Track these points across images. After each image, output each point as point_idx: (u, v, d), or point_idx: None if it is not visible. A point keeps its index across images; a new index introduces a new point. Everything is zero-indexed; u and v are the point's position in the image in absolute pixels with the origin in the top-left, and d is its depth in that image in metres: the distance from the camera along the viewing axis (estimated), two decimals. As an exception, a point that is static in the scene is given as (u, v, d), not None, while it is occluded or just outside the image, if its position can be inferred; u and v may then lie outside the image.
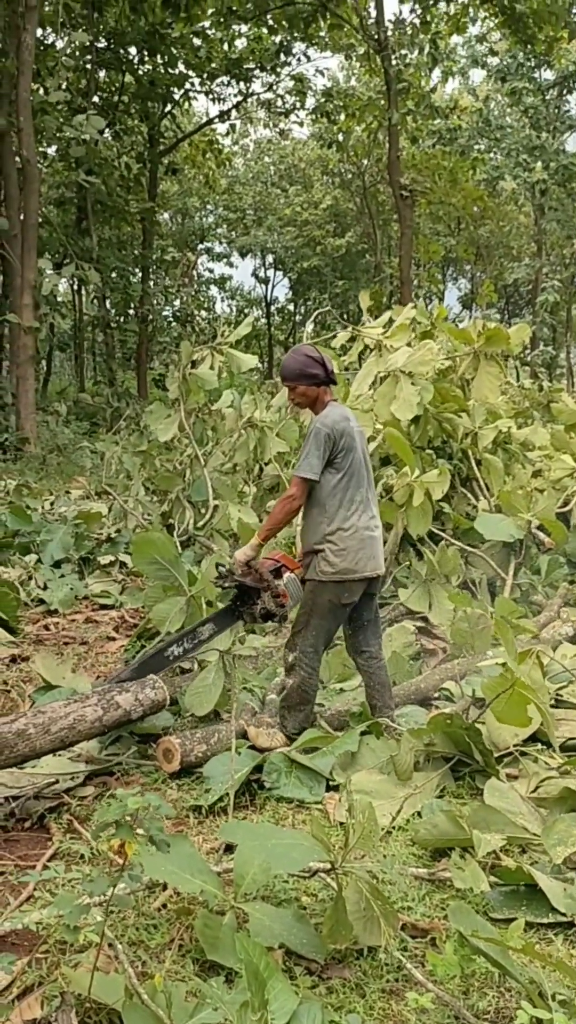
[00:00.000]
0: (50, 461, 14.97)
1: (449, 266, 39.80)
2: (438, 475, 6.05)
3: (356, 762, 3.93)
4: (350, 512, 4.11)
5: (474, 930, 2.39)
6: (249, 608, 4.42)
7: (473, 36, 27.75)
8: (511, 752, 4.00)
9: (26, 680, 5.11)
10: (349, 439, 4.13)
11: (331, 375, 4.25)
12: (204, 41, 22.61)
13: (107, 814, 2.12)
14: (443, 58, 22.42)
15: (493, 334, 6.87)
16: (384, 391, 6.35)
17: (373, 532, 4.18)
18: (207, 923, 2.63)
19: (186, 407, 7.53)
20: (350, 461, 4.13)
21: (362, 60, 24.14)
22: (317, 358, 4.23)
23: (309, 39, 23.15)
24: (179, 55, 22.46)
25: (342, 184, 34.27)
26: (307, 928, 2.71)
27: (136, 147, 25.16)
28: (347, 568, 4.07)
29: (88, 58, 21.44)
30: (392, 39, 21.21)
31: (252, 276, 42.50)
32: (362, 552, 4.09)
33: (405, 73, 21.70)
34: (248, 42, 23.72)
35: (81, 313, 27.50)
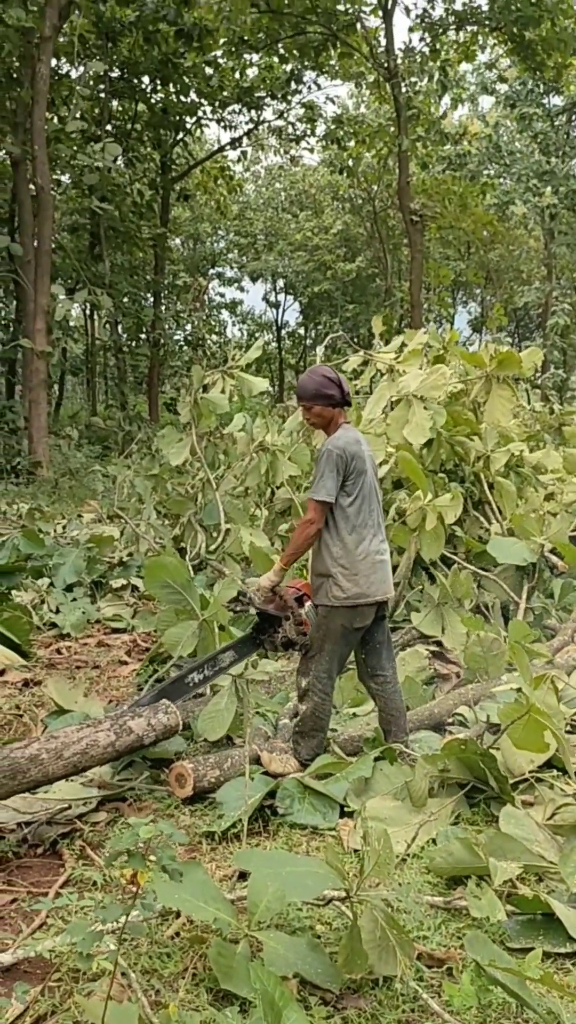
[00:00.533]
0: (62, 485, 15.02)
1: (459, 290, 39.96)
2: (451, 499, 6.04)
3: (370, 788, 3.90)
4: (362, 536, 4.09)
5: (491, 960, 2.36)
6: (270, 636, 4.41)
7: (482, 63, 28.02)
8: (526, 778, 3.96)
9: (39, 704, 5.10)
10: (360, 462, 4.11)
11: (347, 397, 4.24)
12: (216, 70, 22.89)
13: (119, 842, 2.11)
14: (452, 85, 22.64)
15: (505, 358, 6.87)
16: (397, 415, 6.35)
17: (383, 556, 4.17)
18: (221, 952, 2.60)
19: (198, 431, 7.56)
20: (361, 485, 4.11)
21: (372, 88, 24.39)
22: (334, 379, 4.21)
23: (319, 67, 23.42)
24: (191, 84, 22.74)
25: (352, 209, 34.52)
26: (322, 957, 2.68)
27: (148, 174, 25.43)
28: (359, 593, 4.04)
29: (102, 87, 21.75)
30: (402, 67, 21.45)
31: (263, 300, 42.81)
32: (373, 576, 4.07)
33: (415, 100, 21.93)
34: (259, 71, 24.00)
35: (93, 338, 27.70)
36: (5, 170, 20.78)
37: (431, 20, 21.20)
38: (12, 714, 4.94)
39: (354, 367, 7.58)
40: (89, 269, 20.25)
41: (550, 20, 19.44)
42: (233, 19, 20.64)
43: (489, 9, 20.22)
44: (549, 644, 5.83)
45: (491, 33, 21.41)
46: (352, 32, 21.46)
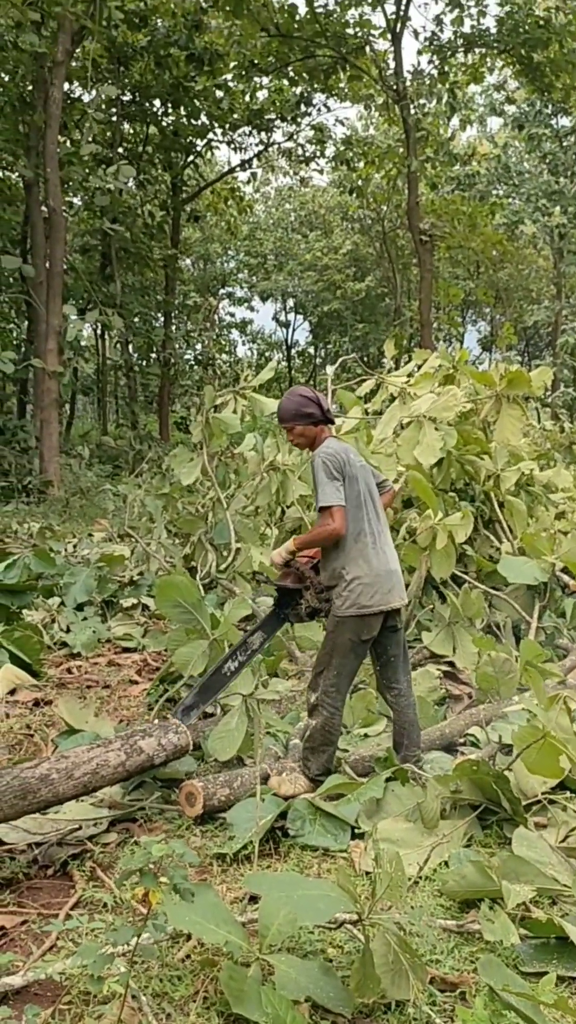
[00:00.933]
0: (73, 504, 15.07)
1: (469, 309, 40.09)
2: (461, 518, 6.03)
3: (382, 809, 3.87)
4: (362, 545, 4.08)
5: (505, 984, 2.34)
6: (295, 609, 4.43)
7: (491, 85, 28.23)
8: (539, 800, 3.93)
9: (49, 724, 5.09)
10: (351, 468, 4.12)
11: (327, 414, 4.27)
12: (226, 93, 23.12)
13: (131, 862, 2.10)
14: (461, 107, 22.81)
15: (515, 377, 6.88)
16: (408, 436, 6.36)
17: (389, 565, 4.14)
18: (232, 975, 2.58)
19: (209, 450, 7.58)
20: (356, 492, 4.11)
21: (381, 109, 24.59)
22: (312, 397, 4.27)
23: (329, 90, 23.64)
24: (202, 107, 22.98)
25: (361, 229, 34.74)
26: (334, 981, 2.65)
27: (159, 195, 25.67)
28: (364, 603, 4.03)
29: (114, 111, 22.00)
30: (411, 89, 21.62)
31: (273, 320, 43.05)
32: (378, 586, 4.05)
33: (424, 122, 22.09)
34: (269, 94, 24.25)
35: (104, 357, 27.87)
36: (18, 193, 21.02)
37: (439, 43, 21.38)
38: (23, 734, 4.93)
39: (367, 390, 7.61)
40: (100, 290, 20.40)
41: (558, 42, 19.60)
42: (243, 43, 20.89)
43: (497, 31, 20.39)
44: (561, 664, 5.80)
45: (499, 55, 21.57)
46: (361, 55, 21.66)
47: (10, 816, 3.34)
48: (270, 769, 4.19)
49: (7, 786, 3.29)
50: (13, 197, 21.40)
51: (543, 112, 26.25)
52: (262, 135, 25.68)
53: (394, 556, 4.24)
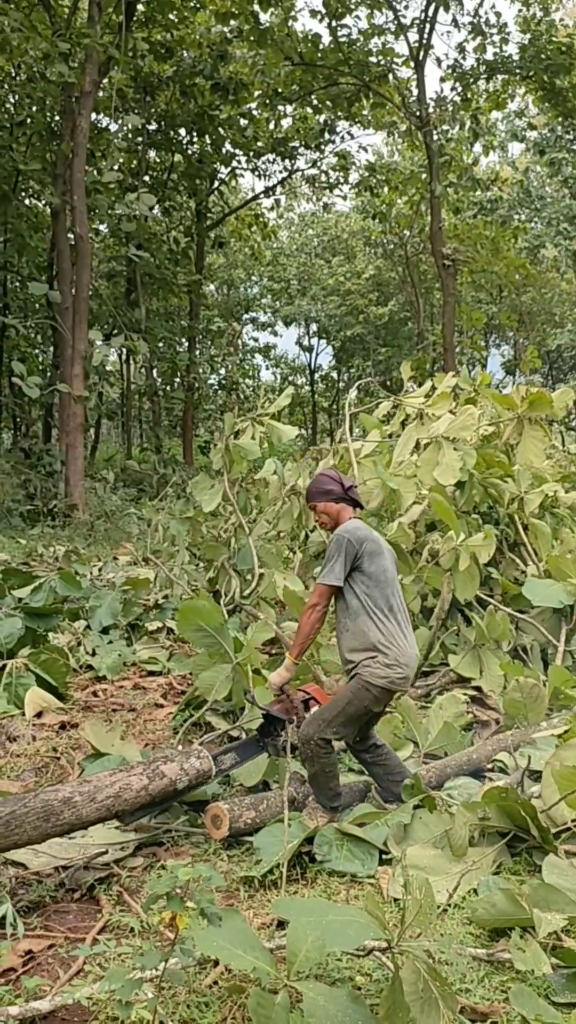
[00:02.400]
0: (98, 527, 15.14)
1: (492, 333, 40.09)
2: (483, 538, 6.01)
3: (409, 836, 3.84)
4: (395, 622, 4.14)
5: (537, 1014, 2.30)
6: (273, 739, 4.41)
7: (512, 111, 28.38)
8: (569, 827, 3.88)
9: (75, 747, 5.10)
10: (373, 544, 4.19)
11: (349, 492, 4.44)
12: (251, 122, 23.40)
13: (158, 886, 2.09)
14: (484, 132, 22.93)
15: (536, 399, 6.87)
16: (427, 457, 6.37)
17: (413, 649, 4.18)
18: (260, 1002, 2.55)
19: (229, 477, 7.61)
20: (380, 567, 4.17)
21: (404, 136, 24.76)
22: (333, 476, 4.49)
23: (352, 117, 23.84)
24: (226, 135, 23.27)
25: (384, 254, 34.90)
26: (362, 1009, 2.62)
27: (184, 222, 25.94)
28: (394, 678, 4.06)
29: (140, 140, 22.31)
30: (434, 116, 21.77)
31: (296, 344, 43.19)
32: (403, 667, 4.08)
33: (447, 147, 22.22)
34: (293, 121, 24.50)
35: (129, 382, 28.10)
36: (44, 220, 21.33)
37: (462, 70, 21.56)
38: (49, 756, 4.94)
39: (385, 413, 7.63)
40: (125, 315, 20.60)
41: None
42: (268, 72, 21.15)
43: (520, 58, 20.54)
44: (589, 689, 5.74)
45: (522, 81, 21.71)
46: (384, 83, 21.86)
47: (34, 839, 3.35)
48: (296, 792, 4.17)
49: (31, 809, 3.30)
50: (40, 224, 21.73)
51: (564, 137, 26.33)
52: (286, 162, 25.92)
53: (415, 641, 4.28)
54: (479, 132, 21.95)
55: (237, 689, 5.09)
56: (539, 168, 30.03)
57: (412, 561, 6.35)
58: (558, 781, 3.68)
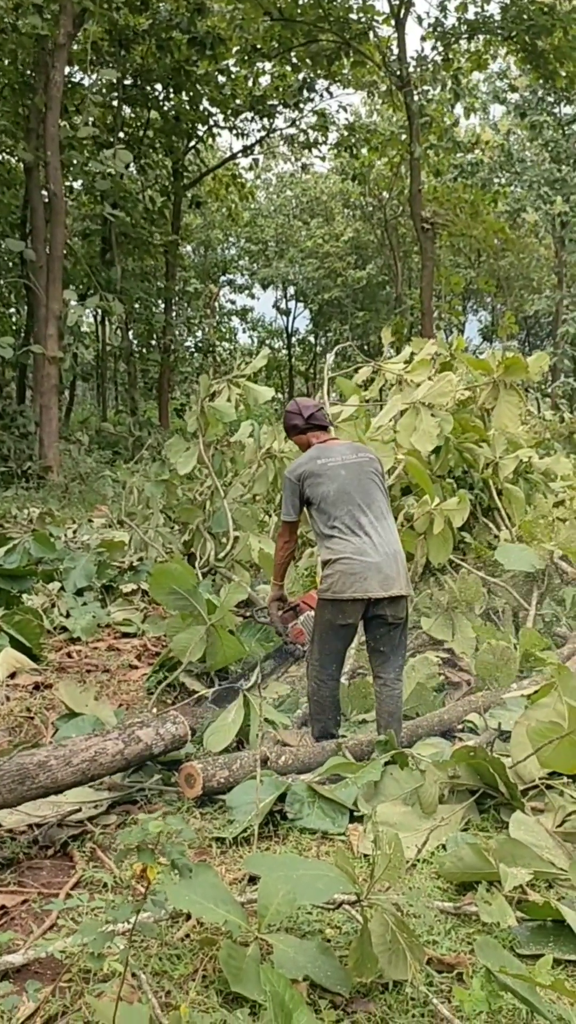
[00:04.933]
0: (72, 489, 15.07)
1: (470, 298, 39.99)
2: (457, 502, 6.05)
3: (380, 793, 3.89)
4: (338, 535, 4.28)
5: (502, 966, 2.36)
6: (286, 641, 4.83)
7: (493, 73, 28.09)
8: (537, 786, 3.96)
9: (49, 707, 5.11)
10: (315, 477, 4.40)
11: (310, 420, 4.66)
12: (228, 78, 22.99)
13: (129, 838, 2.11)
14: (465, 94, 22.68)
15: (512, 363, 6.90)
16: (405, 423, 6.39)
17: (368, 556, 4.24)
18: (231, 954, 2.60)
19: (204, 439, 7.57)
20: (321, 492, 4.36)
21: (384, 96, 24.45)
22: (294, 410, 4.73)
23: (332, 76, 23.49)
24: (204, 92, 22.86)
25: (363, 216, 34.61)
26: (332, 961, 2.68)
27: (160, 181, 25.54)
28: (337, 590, 4.22)
29: (115, 95, 21.87)
30: (414, 75, 21.49)
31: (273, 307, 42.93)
32: (353, 576, 4.20)
33: (427, 108, 21.97)
34: (272, 79, 24.10)
35: (104, 344, 27.80)
36: (18, 176, 20.92)
37: (443, 29, 21.25)
38: (23, 717, 4.95)
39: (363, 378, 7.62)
40: (101, 275, 20.33)
41: (562, 29, 19.47)
42: (246, 27, 20.74)
43: (501, 18, 20.26)
44: (559, 652, 5.82)
45: (503, 42, 21.45)
46: (365, 41, 21.52)
47: (10, 802, 3.37)
48: (269, 752, 4.21)
49: (5, 772, 3.31)
50: (13, 181, 21.31)
51: (545, 100, 26.13)
52: (264, 121, 25.54)
53: (384, 548, 4.31)
54: (460, 93, 21.70)
55: (211, 651, 5.12)
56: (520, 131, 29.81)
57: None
58: (530, 738, 3.74)
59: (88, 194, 22.66)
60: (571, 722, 3.48)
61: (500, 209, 26.78)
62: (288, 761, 4.20)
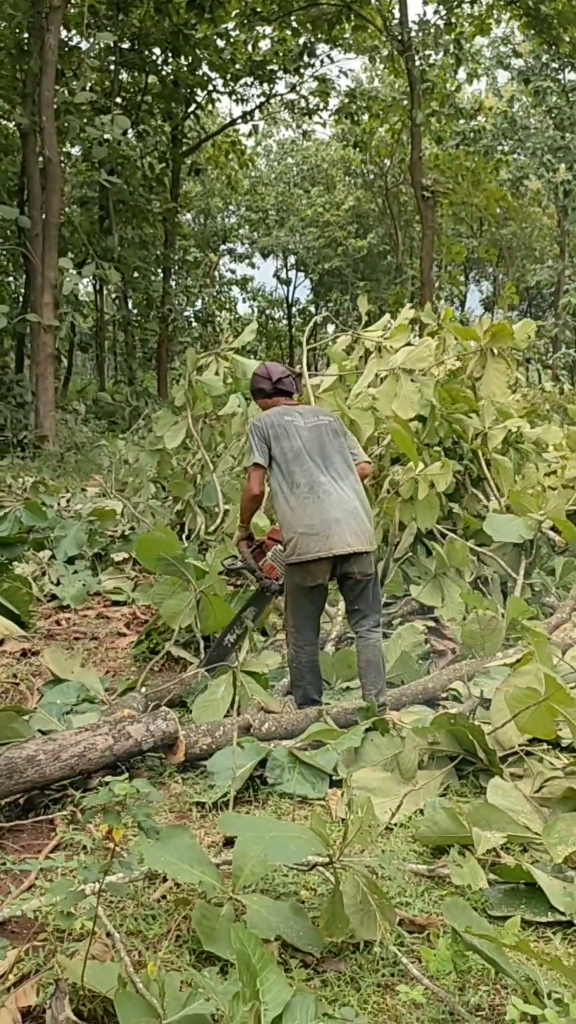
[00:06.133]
0: (68, 459, 15.05)
1: (471, 268, 39.69)
2: (441, 467, 6.05)
3: (360, 758, 3.92)
4: (297, 496, 4.28)
5: (468, 926, 2.39)
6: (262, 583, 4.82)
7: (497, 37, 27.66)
8: (516, 752, 3.98)
9: (36, 674, 5.14)
10: (279, 429, 4.41)
11: (278, 384, 4.68)
12: (228, 42, 22.67)
13: (95, 800, 2.13)
14: (467, 59, 22.35)
15: (498, 330, 6.89)
16: (385, 389, 6.38)
17: (328, 514, 4.25)
18: (204, 914, 2.63)
19: (193, 413, 7.54)
20: (286, 448, 4.37)
21: (386, 61, 24.11)
22: (262, 373, 4.76)
23: (333, 40, 23.17)
24: (203, 56, 22.53)
25: (364, 185, 34.28)
26: (304, 921, 2.71)
27: (159, 147, 25.26)
28: (300, 551, 4.22)
29: (112, 59, 21.57)
30: (416, 40, 21.18)
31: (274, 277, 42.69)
32: (315, 534, 4.21)
33: (429, 74, 21.67)
34: (272, 43, 23.77)
35: (102, 312, 27.64)
36: (15, 143, 20.68)
37: (446, -8, 20.93)
38: (9, 683, 4.98)
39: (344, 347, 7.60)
40: (98, 243, 20.16)
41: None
42: (245, -10, 20.44)
43: (505, -19, 19.97)
44: (547, 622, 5.83)
45: (506, 6, 21.11)
46: (366, 4, 21.21)
47: None
48: (252, 719, 4.24)
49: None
50: (10, 147, 21.08)
51: (549, 66, 25.71)
52: (264, 86, 25.20)
53: (342, 506, 4.32)
54: (462, 58, 21.39)
55: (202, 616, 5.14)
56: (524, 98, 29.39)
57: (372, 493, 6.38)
58: (509, 704, 3.76)
59: (86, 161, 22.43)
60: (547, 688, 3.50)
61: (502, 177, 26.49)
62: (271, 728, 4.22)
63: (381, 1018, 2.43)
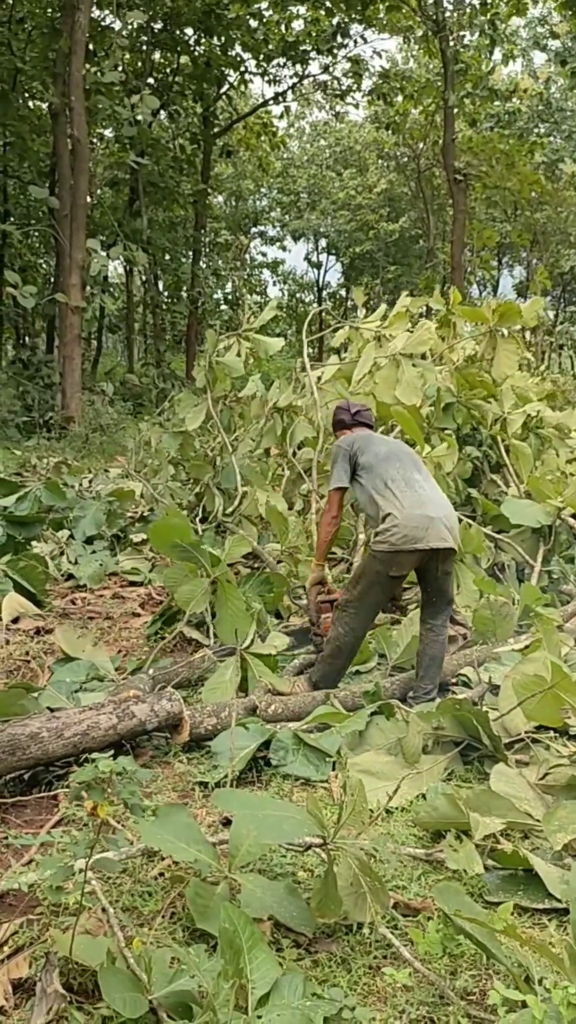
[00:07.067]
0: (93, 440, 15.10)
1: (504, 253, 39.22)
2: (447, 447, 6.06)
3: (365, 742, 3.92)
4: (393, 490, 4.36)
5: (457, 910, 2.38)
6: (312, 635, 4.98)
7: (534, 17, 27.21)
8: (522, 739, 3.96)
9: (48, 652, 5.18)
10: (363, 442, 4.62)
11: (356, 417, 4.93)
12: (261, 23, 22.49)
13: (80, 777, 2.14)
14: (502, 40, 22.00)
15: (506, 309, 6.96)
16: (385, 375, 6.39)
17: (425, 510, 4.30)
18: (199, 892, 2.64)
19: (213, 394, 7.55)
20: (370, 454, 4.52)
21: (420, 42, 23.80)
22: (343, 406, 5.04)
23: (367, 21, 22.89)
24: (235, 36, 22.38)
25: (397, 167, 33.95)
26: (298, 901, 2.71)
27: (190, 128, 25.16)
28: (394, 541, 4.25)
29: (144, 39, 21.48)
30: (450, 20, 20.89)
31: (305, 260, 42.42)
32: (410, 526, 4.24)
33: (463, 55, 21.38)
34: (305, 24, 23.52)
35: (131, 294, 27.68)
36: (47, 123, 20.70)
37: (481, -29, 20.60)
38: (21, 660, 5.03)
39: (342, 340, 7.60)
40: (128, 225, 20.15)
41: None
42: (278, -31, 20.25)
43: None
44: (563, 609, 5.78)
45: (543, -15, 20.77)
46: (400, -17, 20.95)
47: (0, 771, 3.43)
48: (259, 701, 4.24)
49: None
50: (42, 127, 21.09)
51: (587, 47, 25.26)
52: (297, 67, 24.99)
53: (438, 502, 4.44)
54: (497, 38, 21.06)
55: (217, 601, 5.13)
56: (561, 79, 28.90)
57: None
58: (516, 690, 3.74)
59: (117, 142, 22.40)
60: (554, 676, 3.47)
61: (537, 160, 26.10)
62: (278, 710, 4.23)
63: (370, 999, 2.43)
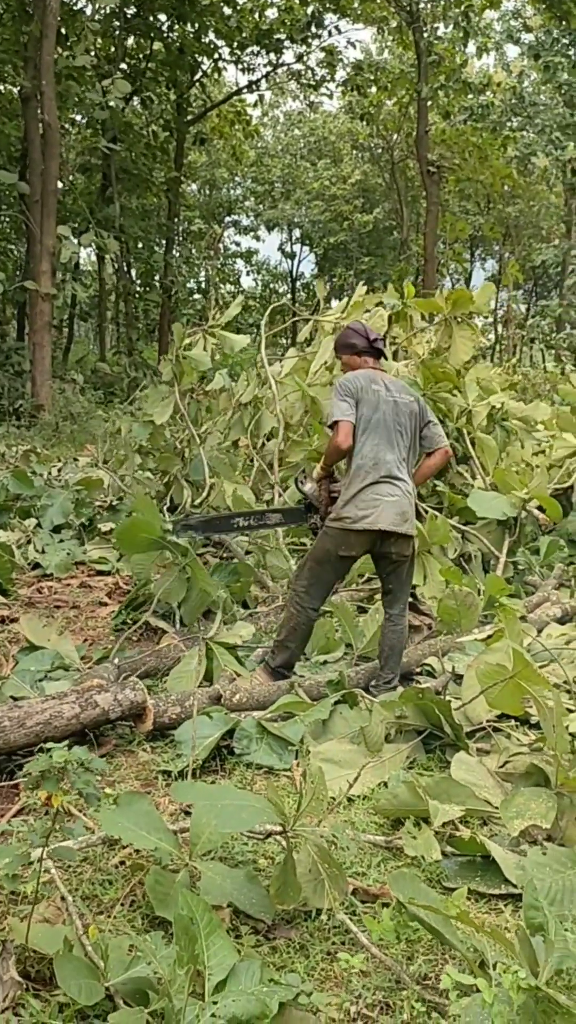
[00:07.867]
0: (63, 429, 15.00)
1: (477, 246, 39.38)
2: None
3: (328, 731, 3.94)
4: (357, 466, 4.27)
5: (411, 897, 2.40)
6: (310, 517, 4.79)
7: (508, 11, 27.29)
8: (484, 727, 4.00)
9: (13, 641, 5.15)
10: (369, 395, 4.31)
11: (373, 344, 4.54)
12: (235, 10, 22.35)
13: (34, 767, 2.14)
14: (476, 32, 22.05)
15: (458, 297, 7.08)
16: (343, 365, 6.46)
17: (381, 490, 4.24)
18: (158, 879, 2.65)
19: (180, 388, 7.55)
20: (365, 416, 4.29)
21: (394, 33, 23.78)
22: (358, 330, 4.59)
23: (341, 10, 22.84)
24: (209, 23, 22.24)
25: (371, 159, 33.95)
26: (258, 888, 2.73)
27: (164, 115, 24.98)
28: (344, 517, 4.21)
29: (116, 24, 21.28)
30: (424, 11, 20.89)
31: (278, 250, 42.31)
32: (370, 509, 4.19)
33: (437, 47, 21.39)
34: (279, 12, 23.43)
35: (103, 282, 27.47)
36: (17, 107, 20.44)
37: (456, -37, 20.61)
38: (-15, 649, 4.99)
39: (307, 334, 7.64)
40: (99, 211, 19.97)
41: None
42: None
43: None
44: (528, 600, 5.84)
45: (517, -22, 20.82)
46: (375, -27, 20.92)
47: None
48: (223, 690, 4.25)
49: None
50: (13, 111, 20.83)
51: (560, 41, 25.37)
52: (271, 56, 24.91)
53: (399, 486, 4.31)
54: (470, 31, 21.10)
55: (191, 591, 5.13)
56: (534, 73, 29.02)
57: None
58: (478, 679, 3.78)
59: (90, 128, 22.19)
60: (516, 665, 3.50)
61: (510, 154, 26.20)
62: (242, 699, 4.24)
63: (327, 984, 2.45)
